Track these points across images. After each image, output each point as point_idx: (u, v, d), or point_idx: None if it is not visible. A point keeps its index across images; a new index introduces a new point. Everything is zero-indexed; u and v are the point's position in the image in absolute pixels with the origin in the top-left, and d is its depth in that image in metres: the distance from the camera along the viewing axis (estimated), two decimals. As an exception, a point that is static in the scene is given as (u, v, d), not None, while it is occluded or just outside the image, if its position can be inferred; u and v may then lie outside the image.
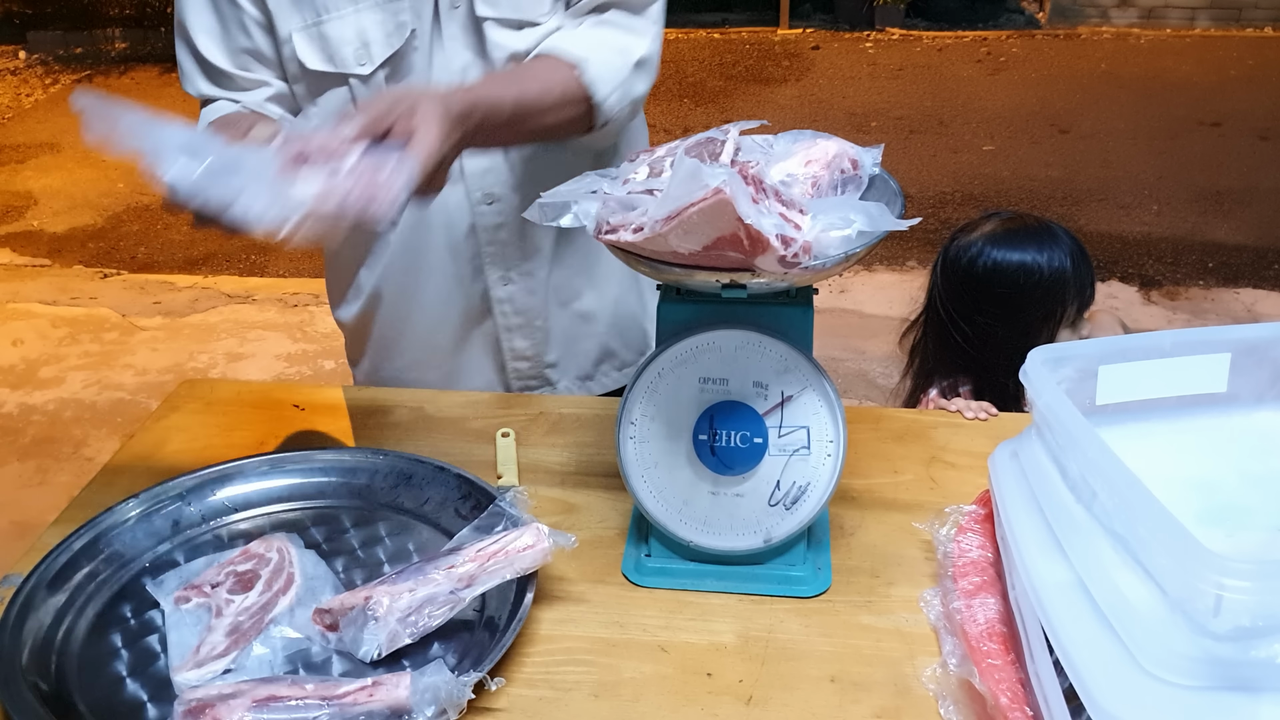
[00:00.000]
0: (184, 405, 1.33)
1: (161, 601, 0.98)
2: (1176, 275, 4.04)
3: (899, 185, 0.99)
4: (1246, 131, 5.29)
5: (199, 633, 0.93)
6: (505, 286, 1.36)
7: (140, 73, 6.84)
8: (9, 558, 1.07)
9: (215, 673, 0.89)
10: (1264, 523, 0.83)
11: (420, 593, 0.91)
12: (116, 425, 3.32)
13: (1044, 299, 1.65)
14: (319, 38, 1.20)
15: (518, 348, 1.40)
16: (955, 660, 0.88)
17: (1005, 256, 1.66)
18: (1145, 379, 0.92)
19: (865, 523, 1.09)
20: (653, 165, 0.98)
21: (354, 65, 1.21)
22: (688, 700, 0.89)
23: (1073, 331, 1.67)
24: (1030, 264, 1.65)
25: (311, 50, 1.21)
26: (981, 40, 6.95)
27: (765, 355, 0.96)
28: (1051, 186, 4.77)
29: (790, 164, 0.98)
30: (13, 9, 7.34)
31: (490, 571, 0.92)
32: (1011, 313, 1.66)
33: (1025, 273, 1.65)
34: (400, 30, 1.20)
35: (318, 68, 1.22)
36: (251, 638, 0.92)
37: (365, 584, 0.96)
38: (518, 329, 1.39)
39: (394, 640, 0.90)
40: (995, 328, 1.67)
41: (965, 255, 1.69)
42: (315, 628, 0.93)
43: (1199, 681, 0.66)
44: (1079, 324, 1.68)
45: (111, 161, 5.47)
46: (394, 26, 1.20)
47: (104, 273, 4.38)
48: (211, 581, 0.98)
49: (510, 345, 1.40)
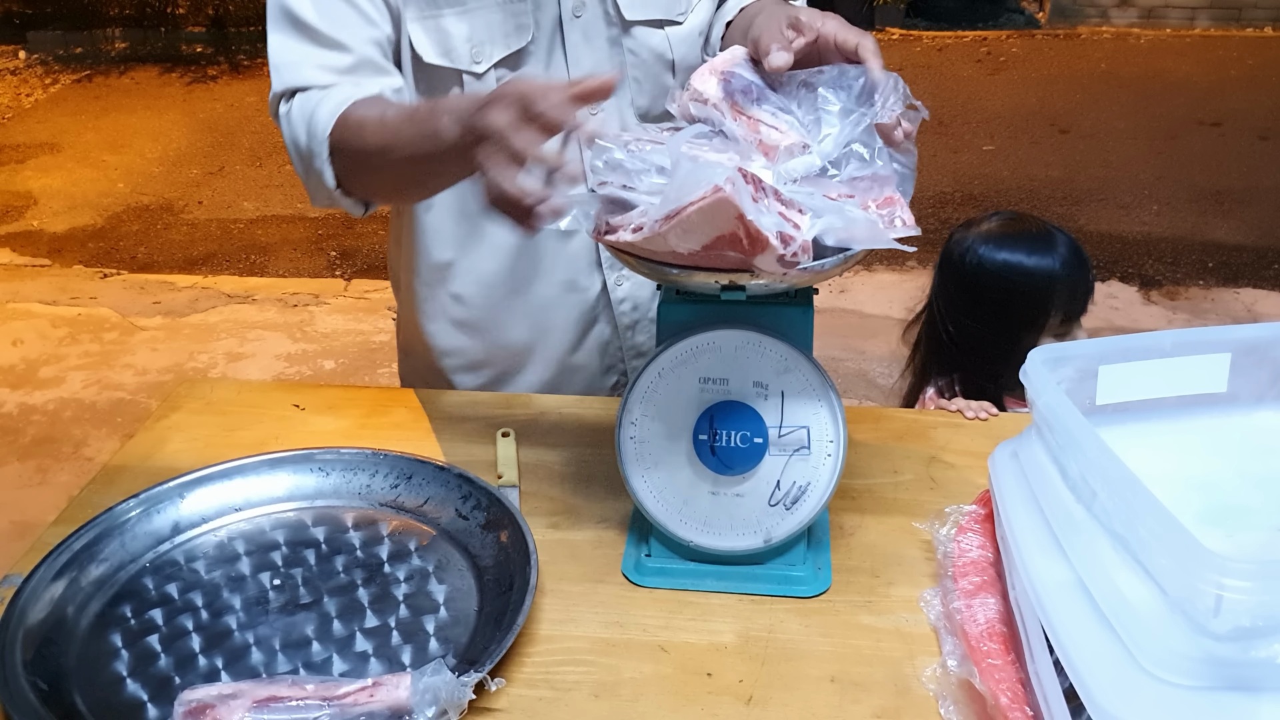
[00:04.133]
0: (184, 405, 1.33)
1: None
2: (1176, 275, 4.04)
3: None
4: (1246, 131, 5.29)
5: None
6: (620, 286, 1.36)
7: (140, 73, 6.83)
8: (9, 558, 1.07)
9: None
10: (1264, 523, 0.83)
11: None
12: (116, 425, 3.32)
13: (1026, 302, 1.63)
14: (436, 30, 1.18)
15: (638, 343, 1.40)
16: (955, 660, 0.88)
17: (992, 254, 1.66)
18: (1145, 379, 0.92)
19: (865, 523, 1.09)
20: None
21: (469, 63, 1.20)
22: (688, 700, 0.89)
23: (1058, 341, 1.65)
24: (1015, 265, 1.64)
25: (429, 43, 1.19)
26: (981, 40, 6.95)
27: (765, 355, 0.96)
28: (1051, 186, 4.77)
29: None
30: (13, 9, 7.34)
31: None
32: (991, 312, 1.65)
33: (1009, 272, 1.64)
34: (520, 32, 1.19)
35: (434, 61, 1.20)
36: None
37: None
38: (637, 325, 1.39)
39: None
40: (975, 327, 1.67)
41: (957, 250, 1.69)
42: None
43: (1199, 681, 0.67)
44: (1067, 333, 1.65)
45: (112, 161, 5.48)
46: (513, 28, 1.19)
47: (104, 273, 4.38)
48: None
49: (632, 343, 1.40)
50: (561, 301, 1.35)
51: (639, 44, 1.25)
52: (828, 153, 0.94)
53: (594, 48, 1.23)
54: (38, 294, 4.19)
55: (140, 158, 5.53)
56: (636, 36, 1.25)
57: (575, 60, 1.22)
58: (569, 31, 1.21)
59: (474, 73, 1.20)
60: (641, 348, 1.41)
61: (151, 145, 5.68)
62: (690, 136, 0.95)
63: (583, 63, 1.23)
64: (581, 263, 1.33)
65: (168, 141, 5.72)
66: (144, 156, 5.55)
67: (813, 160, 0.94)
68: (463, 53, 1.19)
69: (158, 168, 5.41)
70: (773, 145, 0.94)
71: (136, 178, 5.29)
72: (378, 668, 0.91)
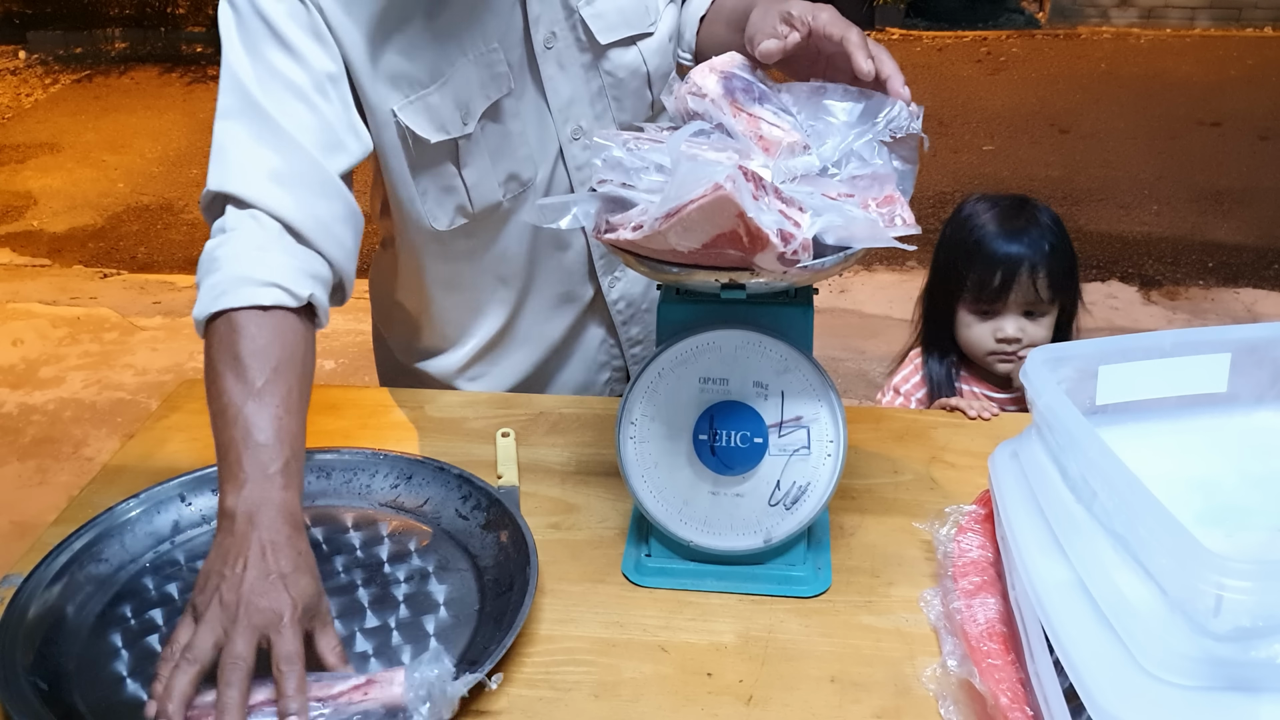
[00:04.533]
0: (184, 405, 1.33)
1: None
2: (1176, 275, 4.04)
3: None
4: (1246, 131, 5.29)
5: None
6: (614, 289, 1.37)
7: (140, 73, 6.84)
8: (9, 558, 1.07)
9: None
10: (1264, 523, 0.83)
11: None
12: (116, 425, 3.31)
13: (982, 268, 1.63)
14: (425, 110, 1.14)
15: (633, 335, 1.42)
16: (955, 660, 0.88)
17: (973, 209, 1.68)
18: (1145, 379, 0.92)
19: (865, 523, 1.09)
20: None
21: (459, 128, 1.16)
22: (688, 700, 0.89)
23: (1021, 320, 1.63)
24: (988, 222, 1.65)
25: (425, 123, 1.15)
26: (981, 40, 6.95)
27: (765, 355, 0.96)
28: (1051, 186, 4.77)
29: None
30: (13, 9, 7.34)
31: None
32: (950, 271, 1.67)
33: (978, 228, 1.66)
34: (498, 81, 1.16)
35: (438, 139, 1.15)
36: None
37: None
38: (631, 319, 1.40)
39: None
40: (939, 287, 1.69)
41: (956, 212, 1.72)
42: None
43: (1199, 681, 0.66)
44: (1037, 316, 1.64)
45: (112, 161, 5.48)
46: (490, 78, 1.16)
47: (104, 273, 4.38)
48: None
49: (627, 335, 1.41)
50: (555, 312, 1.36)
51: (615, 64, 1.23)
52: (828, 156, 0.94)
53: (570, 75, 1.21)
54: (38, 294, 4.19)
55: (140, 158, 5.53)
56: (612, 58, 1.23)
57: (553, 90, 1.20)
58: (543, 64, 1.19)
59: (466, 135, 1.17)
60: (638, 337, 1.42)
61: (151, 145, 5.68)
62: (689, 135, 0.95)
63: (561, 92, 1.21)
64: (576, 275, 1.34)
65: (168, 141, 5.72)
66: (144, 156, 5.55)
67: (812, 161, 0.94)
68: (454, 120, 1.16)
69: (158, 168, 5.41)
70: (774, 141, 0.94)
71: (136, 178, 5.29)
72: (378, 668, 0.91)
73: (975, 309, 1.65)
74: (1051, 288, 1.62)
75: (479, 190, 1.21)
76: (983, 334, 1.64)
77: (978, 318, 1.65)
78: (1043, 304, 1.63)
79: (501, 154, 1.20)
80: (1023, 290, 1.61)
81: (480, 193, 1.21)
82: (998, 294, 1.61)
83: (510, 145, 1.20)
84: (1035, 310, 1.63)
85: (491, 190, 1.22)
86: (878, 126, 0.93)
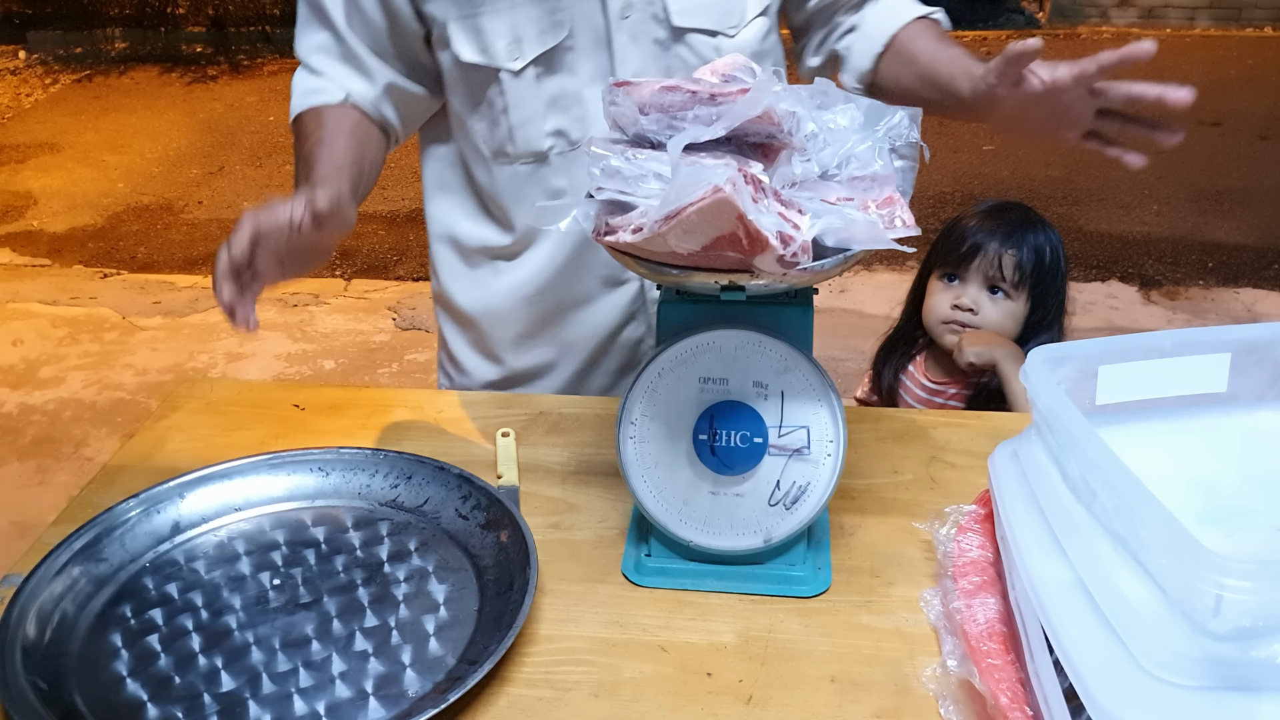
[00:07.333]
0: (184, 405, 1.33)
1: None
2: (1176, 275, 4.04)
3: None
4: (1246, 131, 5.29)
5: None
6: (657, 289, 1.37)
7: (140, 72, 6.84)
8: (9, 558, 1.07)
9: None
10: (1264, 523, 0.83)
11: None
12: (116, 425, 3.32)
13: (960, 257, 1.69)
14: (474, 29, 1.20)
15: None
16: (955, 660, 0.88)
17: (969, 214, 1.74)
18: (1145, 379, 0.92)
19: (865, 523, 1.09)
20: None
21: (506, 60, 1.21)
22: (688, 700, 0.89)
23: (982, 294, 1.69)
24: (976, 222, 1.71)
25: (466, 42, 1.21)
26: (981, 40, 6.95)
27: (765, 355, 0.96)
28: (1051, 186, 4.77)
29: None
30: (13, 9, 7.34)
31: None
32: (933, 247, 1.75)
33: (969, 214, 1.73)
34: (556, 29, 1.20)
35: (471, 60, 1.21)
36: None
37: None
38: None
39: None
40: (923, 267, 1.78)
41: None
42: None
43: (1199, 681, 0.66)
44: (999, 297, 1.69)
45: (112, 161, 5.48)
46: (549, 24, 1.20)
47: (104, 273, 4.38)
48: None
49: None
50: (601, 298, 1.36)
51: (691, 51, 1.25)
52: (827, 162, 0.94)
53: (641, 49, 1.23)
54: (38, 294, 4.19)
55: (140, 158, 5.54)
56: (689, 43, 1.25)
57: (622, 60, 1.23)
58: (616, 32, 1.21)
59: (510, 70, 1.21)
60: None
61: (151, 145, 5.68)
62: (688, 141, 0.95)
63: (630, 63, 1.23)
64: (618, 268, 1.34)
65: (168, 141, 5.72)
66: (144, 156, 5.55)
67: (811, 167, 0.94)
68: (499, 50, 1.20)
69: (158, 168, 5.41)
70: (773, 149, 0.94)
71: (136, 178, 5.30)
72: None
73: (942, 273, 1.72)
74: (1019, 271, 1.67)
75: (523, 132, 1.25)
76: (943, 300, 1.72)
77: (943, 284, 1.72)
78: (1005, 284, 1.68)
79: (555, 106, 1.24)
80: (988, 262, 1.67)
81: (525, 134, 1.25)
82: (962, 258, 1.68)
83: (564, 100, 1.23)
84: (999, 288, 1.68)
85: (537, 138, 1.25)
86: (878, 134, 0.93)
